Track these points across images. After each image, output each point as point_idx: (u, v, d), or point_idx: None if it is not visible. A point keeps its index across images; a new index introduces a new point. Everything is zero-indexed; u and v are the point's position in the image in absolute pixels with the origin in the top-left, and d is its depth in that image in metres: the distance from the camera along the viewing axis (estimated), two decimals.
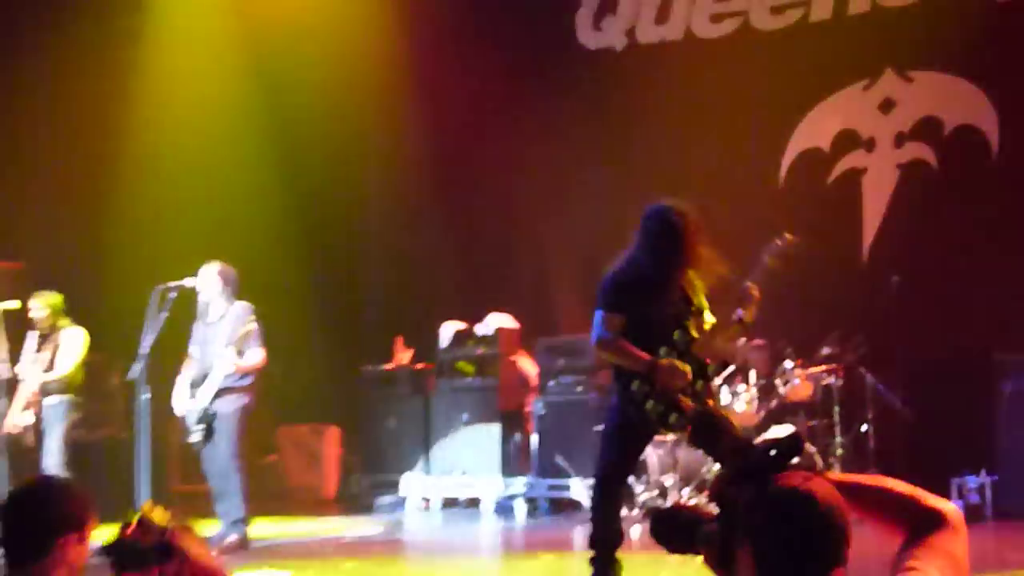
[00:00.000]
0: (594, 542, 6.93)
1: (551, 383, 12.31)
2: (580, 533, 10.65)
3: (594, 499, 7.11)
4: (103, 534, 3.29)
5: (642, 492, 10.75)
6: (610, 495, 7.05)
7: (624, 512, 10.74)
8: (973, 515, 10.31)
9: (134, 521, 3.34)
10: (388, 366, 13.55)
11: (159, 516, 3.34)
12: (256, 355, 9.75)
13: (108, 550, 3.37)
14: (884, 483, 2.92)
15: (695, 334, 6.96)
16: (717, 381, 10.17)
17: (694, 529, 2.71)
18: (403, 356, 13.58)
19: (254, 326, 9.74)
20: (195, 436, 9.76)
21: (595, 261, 12.88)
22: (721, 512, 2.66)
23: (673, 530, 2.76)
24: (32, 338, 10.50)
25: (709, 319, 7.11)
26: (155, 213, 14.08)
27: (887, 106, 12.70)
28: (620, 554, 6.97)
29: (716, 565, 2.69)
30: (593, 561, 6.88)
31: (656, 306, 6.95)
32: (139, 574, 3.35)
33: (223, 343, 9.53)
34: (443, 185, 14.81)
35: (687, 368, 6.80)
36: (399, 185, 15.15)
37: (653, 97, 13.67)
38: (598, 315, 7.06)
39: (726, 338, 7.31)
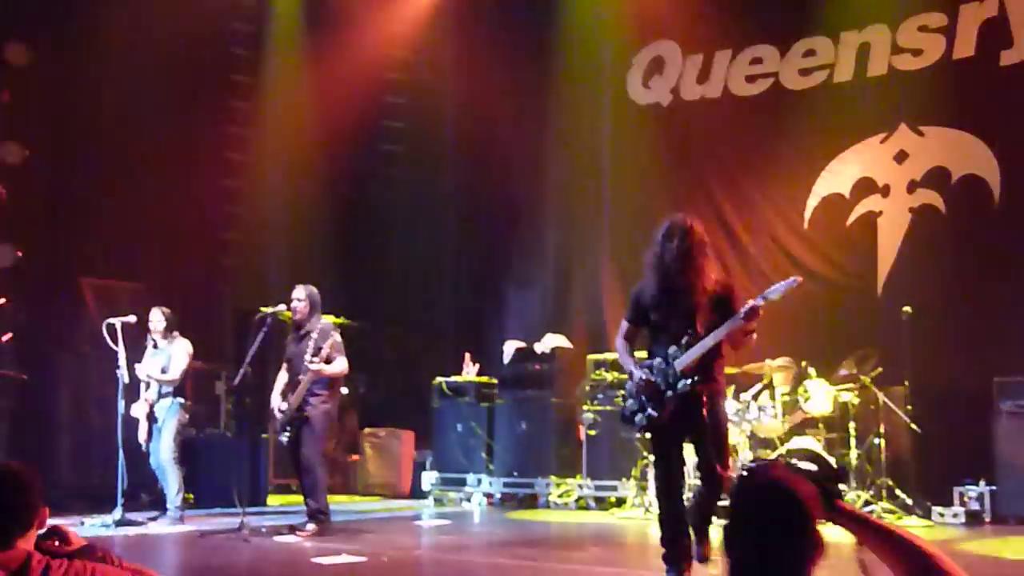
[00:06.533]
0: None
1: (599, 395, 12.07)
2: (625, 528, 10.50)
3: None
4: None
5: None
6: (659, 493, 6.94)
7: None
8: (974, 520, 10.68)
9: None
10: (457, 379, 13.35)
11: None
12: (340, 364, 9.68)
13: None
14: (910, 535, 2.72)
15: (683, 351, 6.60)
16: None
17: None
18: (470, 370, 13.40)
19: (338, 339, 9.65)
20: (284, 436, 9.63)
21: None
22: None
23: None
24: (149, 347, 10.44)
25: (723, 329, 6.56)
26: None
27: (901, 157, 12.67)
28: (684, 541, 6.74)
29: None
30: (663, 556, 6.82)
31: (659, 316, 6.78)
32: None
33: (310, 355, 9.43)
34: (512, 225, 14.83)
35: (649, 381, 6.68)
36: (473, 225, 15.12)
37: (694, 146, 13.47)
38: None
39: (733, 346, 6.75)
